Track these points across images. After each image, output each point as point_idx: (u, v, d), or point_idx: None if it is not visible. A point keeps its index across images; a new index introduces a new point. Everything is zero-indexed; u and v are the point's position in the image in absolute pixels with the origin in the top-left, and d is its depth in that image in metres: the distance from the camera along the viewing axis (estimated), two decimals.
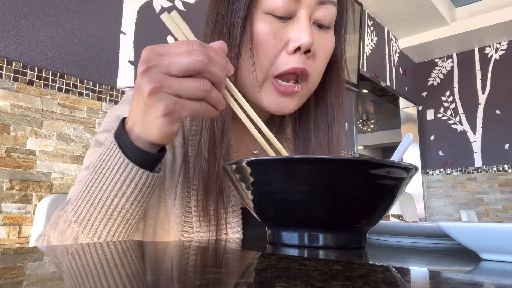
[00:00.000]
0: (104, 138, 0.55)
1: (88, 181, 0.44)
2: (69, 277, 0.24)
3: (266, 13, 0.51)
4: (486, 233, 0.31)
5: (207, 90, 0.38)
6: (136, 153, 0.42)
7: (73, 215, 0.45)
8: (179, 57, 0.36)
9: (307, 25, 0.50)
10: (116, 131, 0.44)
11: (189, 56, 0.36)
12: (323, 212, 0.37)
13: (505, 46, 4.21)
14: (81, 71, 1.54)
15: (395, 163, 0.36)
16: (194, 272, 0.25)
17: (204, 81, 0.37)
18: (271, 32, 0.51)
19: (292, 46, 0.50)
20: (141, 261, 0.31)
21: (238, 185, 0.40)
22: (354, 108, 3.49)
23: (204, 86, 0.37)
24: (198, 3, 2.05)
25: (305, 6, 0.51)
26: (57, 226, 0.46)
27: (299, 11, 0.51)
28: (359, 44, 3.16)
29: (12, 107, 1.32)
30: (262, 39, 0.51)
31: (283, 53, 0.51)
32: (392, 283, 0.20)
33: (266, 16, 0.51)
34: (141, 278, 0.22)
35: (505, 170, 4.02)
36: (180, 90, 0.37)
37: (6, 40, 1.34)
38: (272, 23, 0.51)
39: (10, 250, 0.35)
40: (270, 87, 0.53)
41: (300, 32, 0.50)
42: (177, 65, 0.36)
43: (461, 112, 4.36)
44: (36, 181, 1.36)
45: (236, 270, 0.26)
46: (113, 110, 0.59)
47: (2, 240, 1.26)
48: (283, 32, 0.51)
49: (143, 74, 0.37)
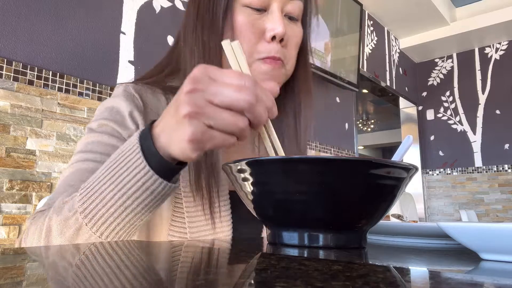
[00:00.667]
0: (97, 126, 0.57)
1: (102, 176, 0.44)
2: (70, 276, 0.24)
3: (244, 5, 0.58)
4: (486, 233, 0.31)
5: (243, 128, 0.37)
6: (159, 161, 0.42)
7: (80, 206, 0.44)
8: (228, 88, 0.36)
9: (280, 17, 0.58)
10: (142, 133, 0.43)
11: (239, 92, 0.36)
12: (323, 212, 0.37)
13: (505, 46, 4.21)
14: (81, 71, 1.54)
15: (395, 163, 0.36)
16: (194, 272, 0.25)
17: (244, 119, 0.37)
18: (249, 22, 0.58)
19: (269, 35, 0.57)
20: (140, 261, 0.31)
21: (238, 185, 0.40)
22: (354, 108, 3.49)
23: (241, 124, 0.37)
24: None
25: (277, 0, 0.58)
26: (61, 212, 0.46)
27: (272, 5, 0.58)
28: (359, 44, 3.16)
29: (12, 107, 1.32)
30: (242, 28, 0.58)
31: (262, 41, 0.58)
32: (392, 283, 0.20)
33: (244, 8, 0.58)
34: (141, 279, 0.22)
35: (505, 170, 4.02)
36: (216, 122, 0.37)
37: (6, 40, 1.34)
38: (250, 15, 0.58)
39: (10, 250, 0.35)
40: (259, 65, 0.58)
41: (275, 23, 0.57)
42: (223, 96, 0.36)
43: (461, 112, 4.36)
44: (36, 181, 1.36)
45: (236, 270, 0.26)
46: (104, 102, 0.60)
47: (2, 240, 1.26)
48: (260, 23, 0.58)
49: (187, 94, 0.37)
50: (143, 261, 0.31)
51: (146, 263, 0.30)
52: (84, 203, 0.44)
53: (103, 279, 0.22)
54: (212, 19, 0.59)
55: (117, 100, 0.58)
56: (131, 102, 0.58)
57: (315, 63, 2.70)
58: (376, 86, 3.93)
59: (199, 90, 0.36)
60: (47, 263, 0.30)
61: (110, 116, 0.57)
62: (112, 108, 0.58)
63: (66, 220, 0.45)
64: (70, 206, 0.45)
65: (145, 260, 0.32)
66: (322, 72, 2.77)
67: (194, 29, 0.60)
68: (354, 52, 3.12)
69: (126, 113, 0.57)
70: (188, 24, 0.62)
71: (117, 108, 0.58)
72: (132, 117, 0.58)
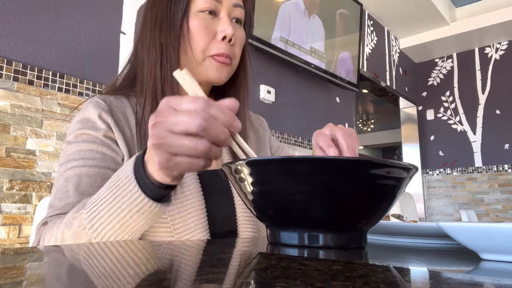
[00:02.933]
0: (73, 137, 0.65)
1: (105, 199, 0.50)
2: (71, 277, 0.24)
3: (199, 11, 0.69)
4: (486, 233, 0.31)
5: (204, 150, 0.40)
6: (152, 189, 0.47)
7: (88, 223, 0.51)
8: (182, 116, 0.39)
9: (229, 21, 0.70)
10: (135, 163, 0.48)
11: (190, 117, 0.39)
12: (323, 212, 0.37)
13: (505, 46, 4.21)
14: (81, 71, 1.54)
15: (395, 163, 0.36)
16: (194, 271, 0.25)
17: (203, 142, 0.39)
18: (204, 25, 0.69)
19: (220, 35, 0.69)
20: (140, 261, 0.31)
21: (237, 185, 0.40)
22: (354, 108, 3.49)
23: (201, 146, 0.40)
24: None
25: (225, 7, 0.70)
26: (72, 227, 0.53)
27: (222, 11, 0.70)
28: (359, 44, 3.16)
29: (12, 107, 1.32)
30: (198, 30, 0.68)
31: (214, 41, 0.69)
32: (392, 283, 0.20)
33: (199, 13, 0.69)
34: (141, 279, 0.22)
35: (505, 170, 4.02)
36: (178, 149, 0.40)
37: (6, 40, 1.34)
38: (204, 19, 0.69)
39: (10, 250, 0.35)
40: (210, 61, 0.70)
41: (225, 26, 0.69)
42: (179, 124, 0.39)
43: (461, 112, 4.36)
44: (36, 181, 1.36)
45: (236, 270, 0.26)
46: (75, 118, 0.68)
47: (2, 240, 1.26)
48: (212, 26, 0.69)
49: (151, 127, 0.41)
50: (143, 261, 0.31)
51: (146, 263, 0.30)
52: (91, 221, 0.51)
53: (102, 279, 0.22)
54: (170, 24, 0.68)
55: (84, 111, 0.67)
56: (98, 107, 0.66)
57: (315, 63, 2.70)
58: (376, 86, 3.93)
59: (160, 122, 0.40)
60: (47, 263, 0.30)
61: (82, 126, 0.65)
62: (82, 119, 0.66)
63: (76, 234, 0.52)
64: (79, 222, 0.52)
65: (145, 260, 0.32)
66: (322, 72, 2.77)
67: (152, 34, 0.69)
68: (354, 52, 3.12)
69: (95, 117, 0.65)
70: (146, 30, 0.71)
71: (86, 117, 0.66)
72: (101, 118, 0.65)
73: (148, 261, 0.32)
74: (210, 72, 0.70)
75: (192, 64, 0.70)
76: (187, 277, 0.23)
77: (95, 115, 0.65)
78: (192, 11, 0.69)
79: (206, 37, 0.69)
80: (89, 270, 0.26)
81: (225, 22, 0.69)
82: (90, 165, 0.62)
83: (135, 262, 0.30)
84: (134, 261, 0.30)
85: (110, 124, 0.65)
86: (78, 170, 0.62)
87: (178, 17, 0.68)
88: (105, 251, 0.36)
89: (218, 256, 0.33)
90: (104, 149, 0.64)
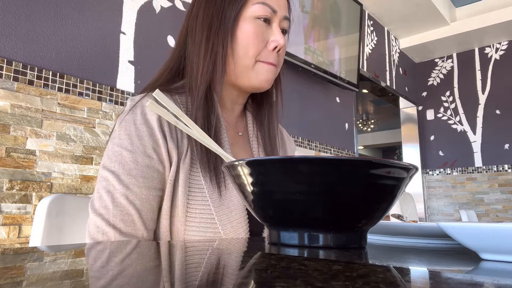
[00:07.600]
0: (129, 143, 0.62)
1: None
2: (72, 277, 0.24)
3: (255, 17, 0.71)
4: (486, 233, 0.31)
5: None
6: None
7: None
8: None
9: (281, 32, 0.73)
10: None
11: None
12: (323, 212, 0.37)
13: (505, 46, 4.21)
14: (81, 71, 1.54)
15: (395, 163, 0.36)
16: (194, 272, 0.25)
17: None
18: (259, 31, 0.71)
19: (272, 45, 0.72)
20: (139, 261, 0.31)
21: (237, 185, 0.40)
22: (354, 108, 3.49)
23: None
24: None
25: (278, 18, 0.73)
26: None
27: (275, 22, 0.73)
28: (359, 44, 3.16)
29: (12, 107, 1.32)
30: (253, 35, 0.70)
31: (265, 49, 0.72)
32: (392, 283, 0.20)
33: (255, 19, 0.71)
34: (140, 279, 0.22)
35: (505, 170, 4.02)
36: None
37: (6, 40, 1.34)
38: (260, 26, 0.71)
39: (10, 250, 0.35)
40: (261, 65, 0.72)
41: (278, 36, 0.72)
42: None
43: (461, 112, 4.36)
44: (36, 181, 1.36)
45: (236, 270, 0.26)
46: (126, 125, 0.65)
47: (2, 240, 1.26)
48: (265, 34, 0.72)
49: None
50: (143, 261, 0.31)
51: (145, 263, 0.30)
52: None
53: (101, 279, 0.22)
54: (220, 24, 0.70)
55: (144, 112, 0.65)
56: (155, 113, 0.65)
57: (315, 63, 2.70)
58: (376, 86, 3.93)
59: None
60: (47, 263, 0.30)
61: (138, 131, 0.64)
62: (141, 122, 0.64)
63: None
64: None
65: (145, 260, 0.32)
66: (322, 72, 2.77)
67: (202, 33, 0.71)
68: (354, 52, 3.12)
69: (154, 122, 0.64)
70: (195, 27, 0.72)
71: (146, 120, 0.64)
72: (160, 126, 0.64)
73: (147, 260, 0.32)
74: (261, 75, 0.72)
75: (241, 68, 0.71)
76: (186, 276, 0.23)
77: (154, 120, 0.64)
78: (246, 16, 0.70)
79: (260, 43, 0.71)
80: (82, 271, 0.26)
81: (278, 33, 0.72)
82: (149, 187, 0.61)
83: (134, 262, 0.30)
84: (130, 261, 0.30)
85: (166, 133, 0.64)
86: (138, 191, 0.61)
87: (230, 19, 0.70)
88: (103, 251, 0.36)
89: (218, 255, 0.33)
90: (160, 167, 0.63)
